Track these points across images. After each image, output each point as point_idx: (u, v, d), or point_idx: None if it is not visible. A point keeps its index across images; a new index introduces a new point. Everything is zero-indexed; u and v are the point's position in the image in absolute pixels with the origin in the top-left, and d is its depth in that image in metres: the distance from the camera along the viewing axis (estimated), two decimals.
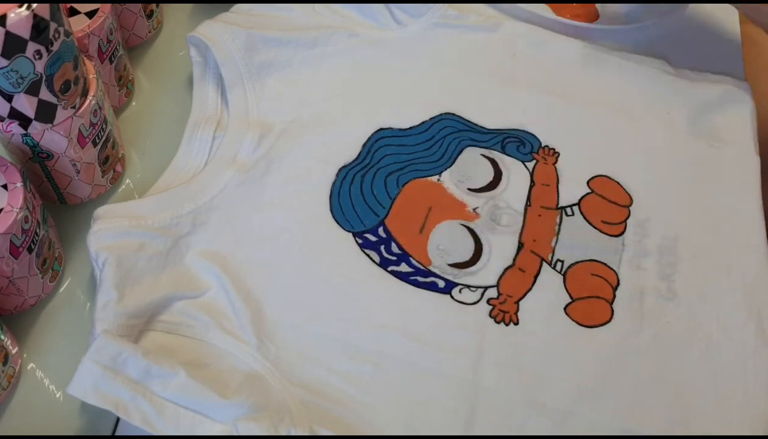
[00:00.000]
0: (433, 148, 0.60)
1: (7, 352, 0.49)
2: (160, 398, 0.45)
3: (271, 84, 0.61)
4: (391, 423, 0.48)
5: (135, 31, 0.66)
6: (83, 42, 0.56)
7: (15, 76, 0.46)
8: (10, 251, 0.47)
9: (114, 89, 0.62)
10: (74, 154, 0.53)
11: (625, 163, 0.60)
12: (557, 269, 0.54)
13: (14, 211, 0.47)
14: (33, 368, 0.51)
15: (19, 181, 0.48)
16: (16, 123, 0.49)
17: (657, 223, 0.57)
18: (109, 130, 0.56)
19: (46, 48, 0.46)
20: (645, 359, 0.51)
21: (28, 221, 0.48)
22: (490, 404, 0.49)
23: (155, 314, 0.50)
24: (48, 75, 0.47)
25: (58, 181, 0.55)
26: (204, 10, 0.69)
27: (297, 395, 0.48)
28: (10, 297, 0.51)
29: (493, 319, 0.52)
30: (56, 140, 0.51)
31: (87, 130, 0.53)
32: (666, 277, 0.54)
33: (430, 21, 0.66)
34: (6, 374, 0.49)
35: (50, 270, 0.53)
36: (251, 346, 0.50)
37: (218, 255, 0.53)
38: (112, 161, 0.57)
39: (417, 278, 0.54)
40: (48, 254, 0.52)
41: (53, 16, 0.46)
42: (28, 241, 0.48)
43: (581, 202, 0.58)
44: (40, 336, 0.52)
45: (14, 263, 0.48)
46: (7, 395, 0.50)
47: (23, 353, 0.52)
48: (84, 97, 0.52)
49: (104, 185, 0.58)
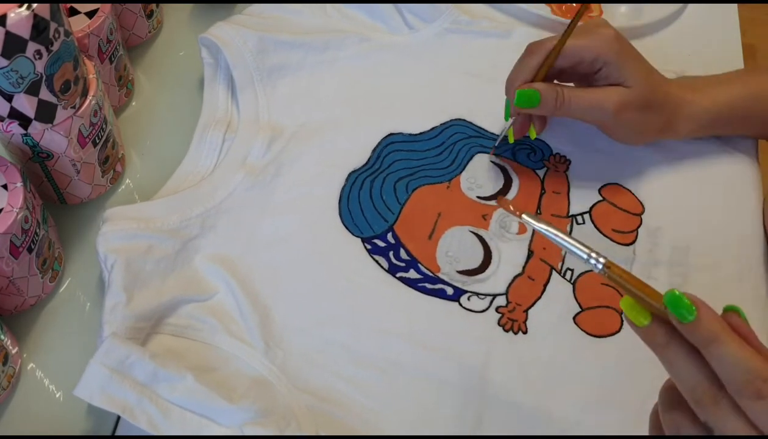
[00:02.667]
0: (443, 154, 0.60)
1: (7, 352, 0.49)
2: (167, 402, 0.45)
3: (282, 87, 0.61)
4: (397, 429, 0.48)
5: (135, 31, 0.66)
6: (83, 42, 0.56)
7: (15, 76, 0.46)
8: (10, 251, 0.47)
9: (114, 89, 0.62)
10: (74, 154, 0.53)
11: (637, 170, 0.59)
12: (567, 278, 0.54)
13: (14, 211, 0.47)
14: (33, 368, 0.51)
15: (19, 181, 0.48)
16: (16, 123, 0.49)
17: (668, 232, 0.57)
18: (109, 130, 0.56)
19: (46, 48, 0.46)
20: (653, 370, 0.51)
21: (28, 221, 0.48)
22: (496, 413, 0.49)
23: (163, 316, 0.50)
24: (48, 75, 0.48)
25: (58, 181, 0.55)
26: (204, 10, 0.69)
27: (303, 400, 0.48)
28: (10, 297, 0.51)
29: (501, 327, 0.52)
30: (56, 140, 0.51)
31: (87, 130, 0.53)
32: (676, 287, 0.54)
33: (442, 26, 0.66)
34: (6, 374, 0.49)
35: (50, 270, 0.53)
36: (258, 350, 0.50)
37: (227, 258, 0.53)
38: (112, 161, 0.58)
39: (425, 284, 0.53)
40: (48, 254, 0.52)
41: (53, 16, 0.46)
42: (28, 241, 0.49)
43: (592, 210, 0.57)
44: (40, 336, 0.52)
45: (14, 263, 0.48)
46: (7, 395, 0.50)
47: (23, 353, 0.52)
48: (84, 97, 0.52)
49: (104, 185, 0.58)
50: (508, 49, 0.65)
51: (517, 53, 0.65)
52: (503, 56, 0.65)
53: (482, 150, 0.60)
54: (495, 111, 0.62)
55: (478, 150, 0.60)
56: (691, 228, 0.57)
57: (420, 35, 0.66)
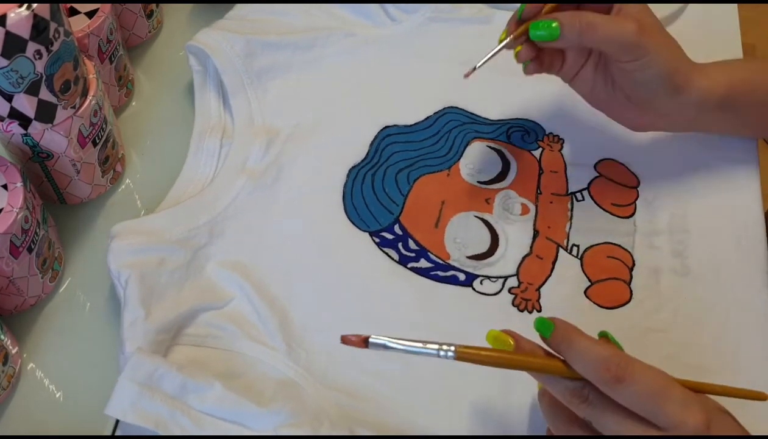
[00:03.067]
0: (439, 142, 0.60)
1: (7, 352, 0.48)
2: (198, 412, 0.45)
3: (272, 89, 0.61)
4: (427, 418, 0.48)
5: (135, 31, 0.65)
6: (83, 42, 0.56)
7: (15, 76, 0.46)
8: (10, 251, 0.47)
9: (114, 89, 0.61)
10: (74, 154, 0.53)
11: (629, 144, 0.61)
12: (574, 254, 0.55)
13: (14, 211, 0.47)
14: (33, 368, 0.51)
15: (19, 181, 0.48)
16: (16, 123, 0.49)
17: (665, 201, 0.58)
18: (109, 130, 0.55)
19: (46, 48, 0.46)
20: (666, 337, 0.52)
21: (28, 221, 0.48)
22: (521, 392, 0.49)
23: (182, 327, 0.50)
24: (48, 75, 0.47)
25: (58, 181, 0.55)
26: (204, 9, 0.69)
27: (332, 398, 0.48)
28: (10, 297, 0.51)
29: (516, 307, 0.53)
30: (56, 140, 0.51)
31: (87, 130, 0.53)
32: (679, 254, 0.55)
33: (424, 16, 0.67)
34: (6, 374, 0.48)
35: (50, 270, 0.53)
36: (281, 352, 0.50)
37: (238, 264, 0.53)
38: (112, 161, 0.57)
39: (437, 272, 0.54)
40: (48, 254, 0.52)
41: (53, 16, 0.46)
42: (28, 241, 0.48)
43: (590, 186, 0.59)
44: (40, 336, 0.52)
45: (14, 263, 0.48)
46: (7, 395, 0.49)
47: (23, 353, 0.51)
48: (84, 97, 0.52)
49: (104, 185, 0.58)
50: (490, 34, 0.66)
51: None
52: (487, 41, 0.66)
53: (477, 136, 0.61)
54: (486, 96, 0.63)
55: (474, 136, 0.61)
56: (687, 196, 0.58)
57: (404, 26, 0.66)
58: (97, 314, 0.53)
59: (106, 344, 0.51)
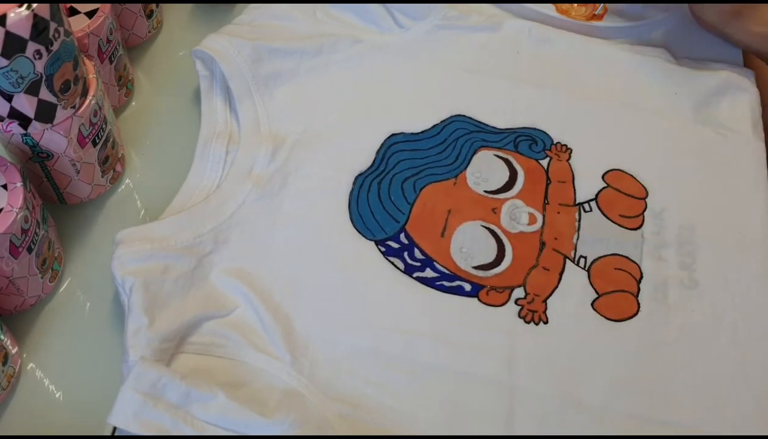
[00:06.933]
0: (446, 151, 0.60)
1: (7, 352, 0.48)
2: (201, 422, 0.45)
3: (279, 95, 0.61)
4: (431, 430, 0.48)
5: (135, 31, 0.65)
6: (83, 42, 0.55)
7: (15, 76, 0.46)
8: (10, 251, 0.47)
9: (114, 89, 0.61)
10: (74, 154, 0.52)
11: (637, 155, 0.60)
12: (581, 266, 0.55)
13: (14, 211, 0.46)
14: (33, 368, 0.51)
15: (18, 181, 0.48)
16: (16, 123, 0.49)
17: (673, 213, 0.58)
18: (109, 130, 0.55)
19: (46, 48, 0.46)
20: (674, 350, 0.52)
21: (27, 221, 0.48)
22: (527, 404, 0.49)
23: (185, 336, 0.50)
24: (48, 75, 0.47)
25: (58, 181, 0.54)
26: (204, 10, 0.69)
27: (335, 408, 0.48)
28: (10, 297, 0.50)
29: (522, 319, 0.52)
30: (56, 140, 0.51)
31: (87, 130, 0.52)
32: (687, 266, 0.55)
33: (433, 23, 0.66)
34: (6, 374, 0.48)
35: (50, 270, 0.52)
36: (285, 362, 0.49)
37: (243, 272, 0.53)
38: (112, 161, 0.57)
39: (443, 282, 0.54)
40: (48, 254, 0.52)
41: (53, 16, 0.46)
42: (28, 241, 0.48)
43: (598, 197, 0.58)
44: (40, 336, 0.52)
45: (14, 263, 0.48)
46: (6, 395, 0.49)
47: (23, 353, 0.51)
48: (84, 97, 0.52)
49: (104, 185, 0.58)
50: (500, 41, 0.66)
51: (508, 46, 0.66)
52: (496, 49, 0.66)
53: (484, 144, 0.60)
54: (494, 105, 0.62)
55: (481, 145, 0.60)
56: (695, 208, 0.58)
57: (411, 33, 0.66)
58: (97, 314, 0.53)
59: (107, 344, 0.51)
